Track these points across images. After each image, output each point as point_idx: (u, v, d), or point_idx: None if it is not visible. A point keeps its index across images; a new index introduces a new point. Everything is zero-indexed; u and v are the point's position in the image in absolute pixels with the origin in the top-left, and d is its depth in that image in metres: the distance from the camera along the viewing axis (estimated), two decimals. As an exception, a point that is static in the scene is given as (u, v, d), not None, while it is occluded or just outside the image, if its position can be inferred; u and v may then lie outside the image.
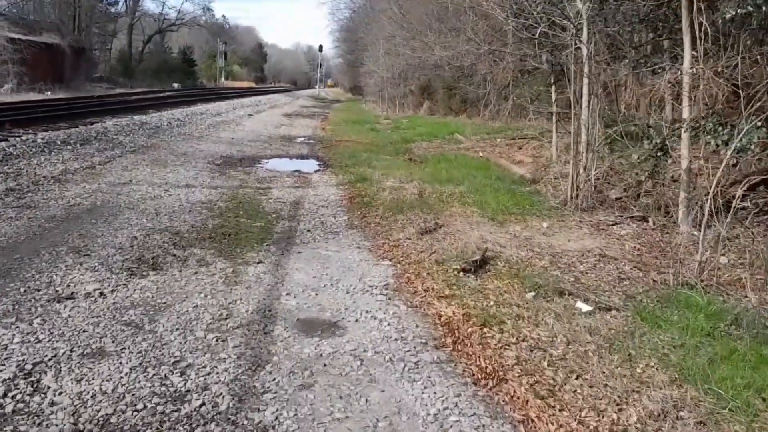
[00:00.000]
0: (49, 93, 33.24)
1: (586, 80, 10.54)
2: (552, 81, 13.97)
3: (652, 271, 6.01)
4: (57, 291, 4.68)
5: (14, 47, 32.72)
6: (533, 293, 5.06)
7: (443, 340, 4.13)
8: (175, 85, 53.54)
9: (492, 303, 4.79)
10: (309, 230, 7.18)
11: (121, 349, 3.80)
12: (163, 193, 8.64)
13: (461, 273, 5.55)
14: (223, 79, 75.87)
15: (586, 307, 4.76)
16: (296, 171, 11.98)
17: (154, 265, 5.48)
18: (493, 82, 23.49)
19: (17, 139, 11.33)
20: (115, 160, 10.98)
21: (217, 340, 3.99)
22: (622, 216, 8.61)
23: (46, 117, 14.90)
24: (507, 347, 3.99)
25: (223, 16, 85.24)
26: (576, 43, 10.59)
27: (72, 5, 45.42)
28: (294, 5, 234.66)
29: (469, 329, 4.23)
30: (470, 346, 3.98)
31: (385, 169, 12.33)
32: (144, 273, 5.25)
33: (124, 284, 4.95)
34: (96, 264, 5.37)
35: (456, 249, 6.27)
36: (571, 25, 10.64)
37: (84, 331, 4.02)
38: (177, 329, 4.13)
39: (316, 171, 12.23)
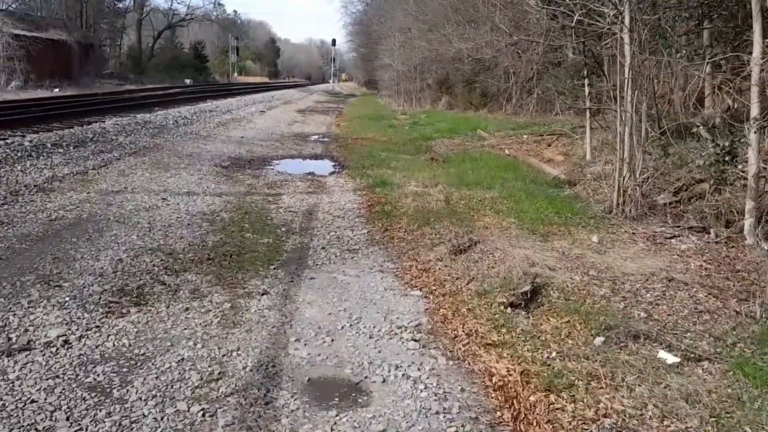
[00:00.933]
0: (57, 90, 32.57)
1: (628, 72, 9.57)
2: (585, 74, 12.93)
3: (731, 298, 5.05)
4: (10, 339, 3.79)
5: (19, 44, 32.08)
6: (602, 338, 4.10)
7: (499, 414, 3.19)
8: (187, 81, 52.84)
9: (554, 354, 3.85)
10: (324, 248, 6.26)
11: None
12: (161, 203, 7.75)
13: (509, 308, 4.59)
14: (236, 74, 75.12)
15: (671, 358, 3.80)
16: (309, 174, 11.07)
17: (138, 298, 4.58)
18: (516, 76, 22.47)
19: (1, 142, 10.44)
20: (112, 164, 10.12)
21: (204, 415, 3.08)
22: (678, 227, 7.63)
23: (39, 116, 14.01)
24: (585, 427, 3.03)
25: (235, 11, 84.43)
26: (616, 32, 9.64)
27: (79, 1, 44.73)
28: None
29: (532, 397, 3.29)
30: (537, 425, 3.03)
31: (406, 170, 11.40)
32: (124, 310, 4.35)
33: (97, 327, 4.05)
34: (67, 298, 4.48)
35: (498, 274, 5.31)
36: (611, 11, 9.62)
37: (32, 402, 3.13)
38: (154, 397, 3.23)
39: (331, 173, 11.30)
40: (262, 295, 4.78)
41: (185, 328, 4.10)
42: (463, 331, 4.20)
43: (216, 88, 40.36)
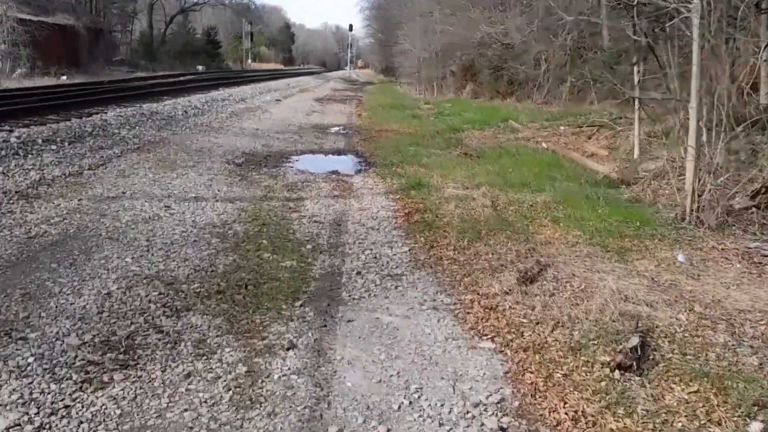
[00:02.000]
0: (64, 78, 31.62)
1: (698, 57, 8.40)
2: (635, 60, 11.72)
3: None
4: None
5: (25, 29, 31.09)
6: (759, 424, 2.97)
7: None
8: (200, 67, 51.85)
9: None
10: (359, 272, 5.16)
11: None
12: (163, 212, 6.67)
13: (616, 371, 3.47)
14: (249, 60, 74.03)
15: None
16: (333, 172, 9.97)
17: (127, 355, 3.53)
18: (548, 62, 21.22)
19: (-19, 139, 9.40)
20: (111, 163, 9.06)
21: None
22: (768, 237, 6.55)
23: (34, 108, 12.85)
24: None
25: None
26: (683, 11, 8.48)
27: (89, -16, 43.80)
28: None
29: None
30: None
31: (440, 167, 10.32)
32: (106, 376, 3.31)
33: (67, 408, 2.99)
34: (30, 359, 3.43)
35: (588, 315, 4.20)
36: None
37: None
38: None
39: (357, 172, 10.20)
40: (288, 350, 3.68)
41: (186, 409, 3.02)
42: (566, 413, 3.09)
43: (229, 75, 39.27)
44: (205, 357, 3.55)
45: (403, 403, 3.16)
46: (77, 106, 13.91)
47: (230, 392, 3.18)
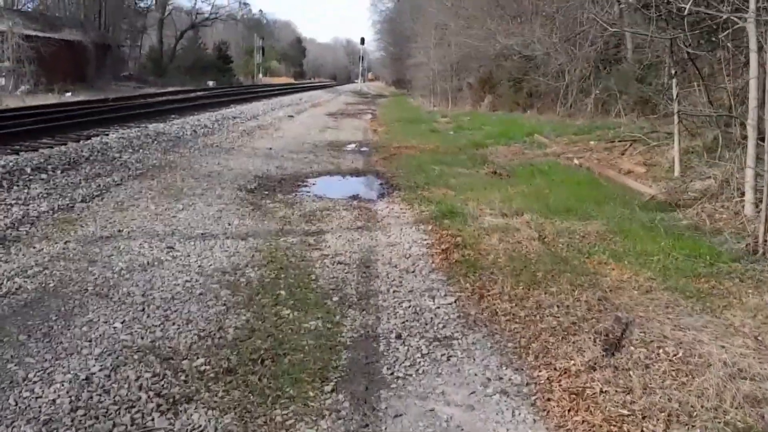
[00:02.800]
0: (68, 94, 30.90)
1: (758, 70, 7.52)
2: (673, 72, 10.79)
3: None
4: None
5: (30, 45, 30.41)
6: None
7: None
8: (210, 83, 51.12)
9: None
10: (399, 335, 4.20)
11: None
12: (165, 255, 5.73)
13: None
14: (261, 75, 73.39)
15: None
16: (354, 197, 9.06)
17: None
18: (572, 74, 20.24)
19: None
20: (108, 193, 8.15)
21: None
22: None
23: (26, 131, 11.78)
24: None
25: (261, 10, 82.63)
26: (738, 21, 7.62)
27: (97, 0, 43.14)
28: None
29: None
30: None
31: (470, 189, 9.43)
32: None
33: None
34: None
35: (703, 400, 3.23)
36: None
37: None
38: None
39: (380, 196, 9.27)
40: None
41: None
42: None
43: (240, 90, 38.43)
44: (209, 486, 2.57)
45: None
46: (76, 128, 12.99)
47: None
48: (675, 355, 3.84)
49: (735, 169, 8.58)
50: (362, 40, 74.54)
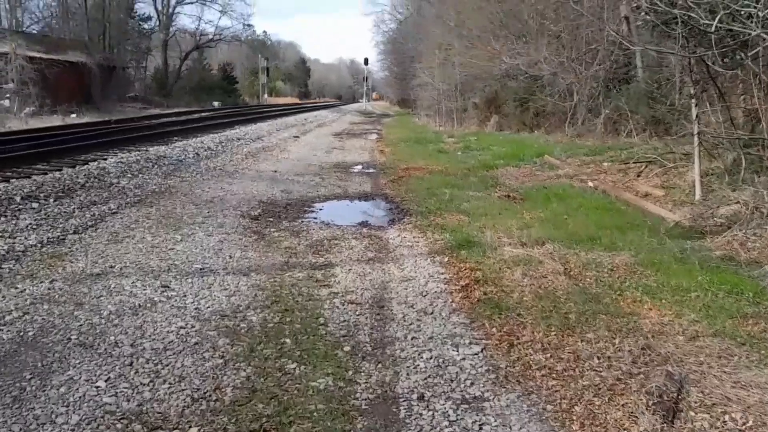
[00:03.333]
0: (73, 116, 30.56)
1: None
2: (693, 92, 10.29)
3: None
4: None
5: (34, 66, 30.06)
6: None
7: None
8: (215, 103, 50.84)
9: None
10: (422, 397, 3.65)
11: None
12: (159, 296, 5.18)
13: None
14: (266, 95, 73.14)
15: None
16: (363, 224, 8.54)
17: None
18: (580, 93, 19.73)
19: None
20: (103, 223, 7.63)
21: None
22: None
23: (20, 156, 11.14)
24: None
25: (265, 32, 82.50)
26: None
27: (101, 22, 42.87)
28: (336, 19, 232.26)
29: None
30: None
31: (484, 214, 8.92)
32: None
33: None
34: None
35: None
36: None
37: None
38: None
39: (390, 223, 8.73)
40: None
41: None
42: None
43: (245, 111, 37.99)
44: None
45: None
46: (74, 152, 12.45)
47: None
48: (744, 424, 3.27)
49: (766, 194, 8.06)
50: (366, 61, 74.32)
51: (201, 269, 6.01)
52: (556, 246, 7.03)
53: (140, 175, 10.66)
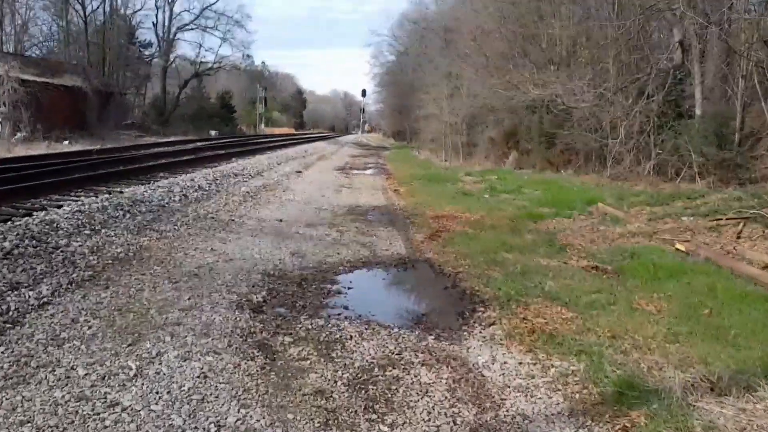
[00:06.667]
0: (66, 142, 27.34)
1: None
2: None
3: None
4: None
5: (27, 89, 26.80)
6: None
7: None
8: (212, 132, 47.59)
9: None
10: None
11: None
12: None
13: None
14: (263, 125, 69.95)
15: None
16: (422, 324, 5.48)
17: None
18: (626, 129, 16.64)
19: None
20: (17, 328, 4.39)
21: None
22: None
23: None
24: None
25: (263, 62, 79.38)
26: None
27: (101, 47, 39.71)
28: (333, 53, 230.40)
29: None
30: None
31: (590, 307, 5.96)
32: None
33: None
34: None
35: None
36: None
37: None
38: None
39: (462, 320, 5.63)
40: None
41: None
42: None
43: (242, 141, 34.62)
44: None
45: None
46: (20, 196, 9.08)
47: None
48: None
49: None
50: (363, 92, 71.46)
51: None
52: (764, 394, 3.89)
53: (102, 231, 7.40)
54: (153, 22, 48.86)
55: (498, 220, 11.42)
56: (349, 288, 6.53)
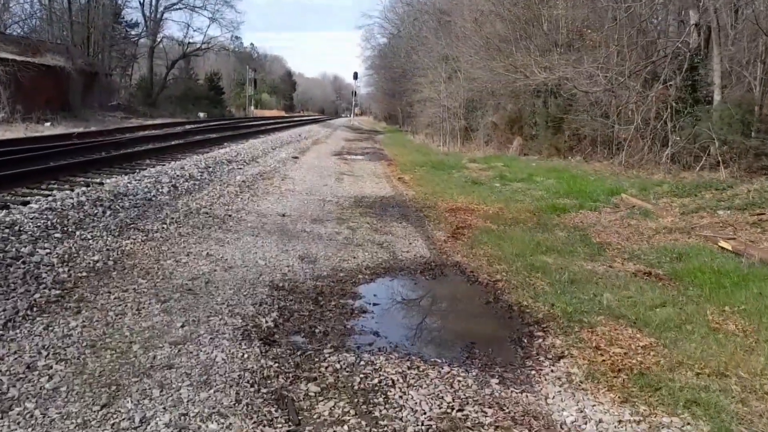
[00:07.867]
0: (48, 124, 25.77)
1: None
2: None
3: None
4: None
5: (5, 69, 25.21)
6: None
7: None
8: (201, 114, 45.99)
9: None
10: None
11: None
12: None
13: None
14: (252, 107, 68.26)
15: None
16: (474, 358, 4.43)
17: None
18: (642, 114, 15.47)
19: None
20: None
21: None
22: None
23: None
24: None
25: (252, 44, 77.49)
26: None
27: (85, 26, 37.90)
28: (322, 36, 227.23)
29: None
30: None
31: (663, 327, 4.91)
32: None
33: None
34: None
35: None
36: None
37: None
38: None
39: (519, 349, 4.59)
40: None
41: None
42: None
43: (233, 124, 33.13)
44: None
45: None
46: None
47: None
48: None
49: None
50: (355, 75, 69.81)
51: None
52: None
53: (77, 233, 6.13)
54: (140, 1, 46.89)
55: (519, 214, 10.31)
56: (374, 304, 5.37)
